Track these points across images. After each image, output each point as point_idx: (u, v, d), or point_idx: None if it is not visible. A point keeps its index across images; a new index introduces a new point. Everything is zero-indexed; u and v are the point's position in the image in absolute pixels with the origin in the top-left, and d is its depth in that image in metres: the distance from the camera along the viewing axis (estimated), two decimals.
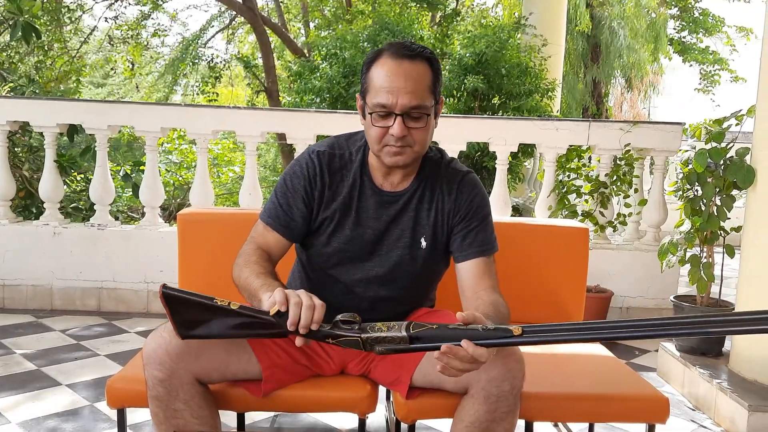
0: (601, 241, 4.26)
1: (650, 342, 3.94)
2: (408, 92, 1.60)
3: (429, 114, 1.64)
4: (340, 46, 6.91)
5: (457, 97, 6.21)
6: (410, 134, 1.63)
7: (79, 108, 4.35)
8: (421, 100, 1.61)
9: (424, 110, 1.63)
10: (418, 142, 1.65)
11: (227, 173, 10.01)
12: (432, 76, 1.65)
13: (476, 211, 1.78)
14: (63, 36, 10.43)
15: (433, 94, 1.66)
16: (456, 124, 4.36)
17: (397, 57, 1.62)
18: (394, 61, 1.61)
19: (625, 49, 13.32)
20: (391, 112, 1.60)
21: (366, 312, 1.75)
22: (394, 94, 1.59)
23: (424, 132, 1.66)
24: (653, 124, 4.38)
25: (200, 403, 1.59)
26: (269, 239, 1.75)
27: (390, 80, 1.60)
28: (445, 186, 1.78)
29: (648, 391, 1.87)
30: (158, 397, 1.57)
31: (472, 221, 1.77)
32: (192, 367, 1.58)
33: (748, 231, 3.01)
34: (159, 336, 1.58)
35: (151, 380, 1.57)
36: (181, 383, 1.56)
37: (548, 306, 2.41)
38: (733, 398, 2.73)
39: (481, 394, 1.54)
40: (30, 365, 3.19)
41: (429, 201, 1.77)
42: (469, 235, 1.76)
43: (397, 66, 1.61)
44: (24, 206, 4.99)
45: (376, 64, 1.64)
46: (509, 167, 5.62)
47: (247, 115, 4.37)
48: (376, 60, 1.65)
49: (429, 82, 1.64)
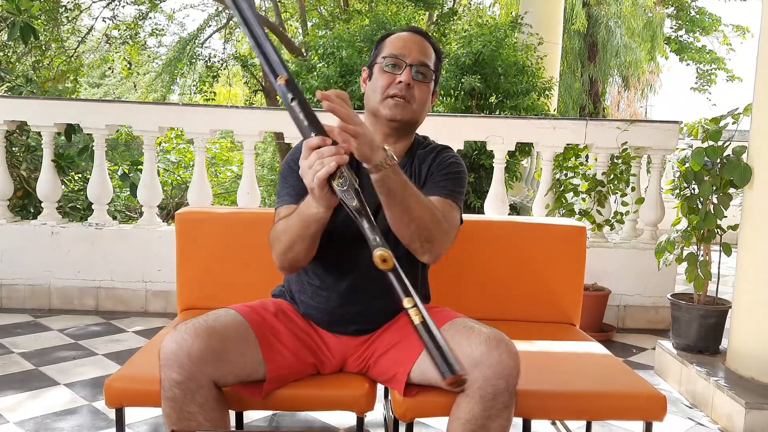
0: (598, 239, 4.27)
1: (648, 340, 3.95)
2: (419, 51, 1.79)
3: (431, 81, 1.82)
4: (337, 45, 6.90)
5: (454, 96, 6.21)
6: (414, 89, 1.77)
7: (77, 107, 4.35)
8: (429, 61, 1.80)
9: (429, 73, 1.80)
10: (418, 100, 1.79)
11: (225, 172, 10.02)
12: (435, 59, 1.84)
13: (448, 167, 1.83)
14: (60, 36, 10.41)
15: (435, 74, 1.83)
16: (453, 123, 4.37)
17: (408, 30, 1.84)
18: (408, 32, 1.83)
19: (621, 47, 13.33)
20: (403, 62, 1.76)
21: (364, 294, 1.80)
22: (407, 49, 1.78)
23: (425, 93, 1.81)
24: (650, 122, 4.39)
25: (214, 406, 1.58)
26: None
27: (404, 41, 1.80)
28: (426, 156, 1.87)
29: (645, 389, 1.87)
30: (173, 398, 1.56)
31: (442, 172, 1.82)
32: (211, 371, 1.57)
33: (744, 229, 3.02)
34: (180, 338, 1.56)
35: (168, 381, 1.55)
36: (198, 386, 1.55)
37: (545, 304, 2.42)
38: (730, 396, 2.74)
39: (477, 393, 1.54)
40: (28, 365, 3.19)
41: (416, 174, 1.84)
42: (437, 180, 1.80)
43: (411, 35, 1.82)
44: (22, 206, 4.99)
45: (390, 37, 1.84)
46: (507, 166, 5.63)
47: (244, 115, 4.37)
48: (390, 35, 1.85)
49: (434, 60, 1.83)
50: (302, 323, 1.84)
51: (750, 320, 2.93)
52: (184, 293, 2.37)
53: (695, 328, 3.26)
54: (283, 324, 1.79)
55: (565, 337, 2.30)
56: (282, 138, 4.48)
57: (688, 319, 3.28)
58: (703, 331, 3.25)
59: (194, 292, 2.35)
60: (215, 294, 2.29)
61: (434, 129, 4.21)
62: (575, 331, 2.37)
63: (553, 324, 2.41)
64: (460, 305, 1.71)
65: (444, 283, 1.73)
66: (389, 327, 1.84)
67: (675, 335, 3.35)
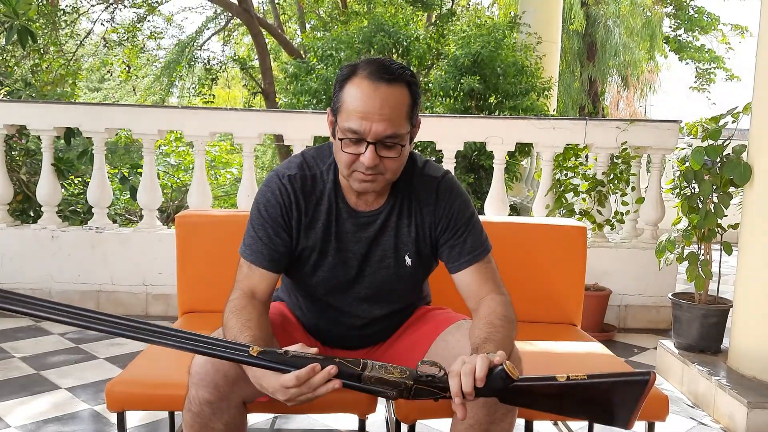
0: (598, 239, 4.27)
1: (649, 339, 3.95)
2: (383, 120, 1.47)
3: (403, 143, 1.53)
4: (335, 47, 6.91)
5: (453, 97, 6.21)
6: (382, 162, 1.51)
7: (76, 111, 4.35)
8: (397, 128, 1.49)
9: (399, 139, 1.51)
10: (390, 170, 1.54)
11: (225, 175, 10.02)
12: (410, 100, 1.53)
13: (458, 217, 1.67)
14: (59, 39, 10.41)
15: (410, 120, 1.54)
16: (453, 124, 4.37)
17: (374, 79, 1.48)
18: (371, 84, 1.48)
19: (620, 47, 13.34)
20: (363, 139, 1.48)
21: (361, 328, 1.77)
22: (367, 120, 1.47)
23: (397, 161, 1.54)
24: (650, 122, 4.39)
25: (238, 424, 1.56)
26: (256, 280, 1.62)
27: (364, 104, 1.47)
28: (423, 196, 1.67)
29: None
30: (200, 414, 1.50)
31: (457, 229, 1.67)
32: (244, 390, 1.49)
33: (745, 228, 3.02)
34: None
35: (198, 399, 1.49)
36: (228, 406, 1.50)
37: (547, 305, 2.42)
38: (732, 395, 2.74)
39: (480, 398, 1.53)
40: (29, 369, 3.19)
41: (408, 216, 1.67)
42: (457, 244, 1.66)
43: (373, 90, 1.48)
44: (22, 210, 4.99)
45: (350, 83, 1.51)
46: (506, 166, 5.63)
47: (244, 117, 4.37)
48: (351, 78, 1.52)
49: (407, 108, 1.52)
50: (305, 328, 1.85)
51: (751, 319, 2.93)
52: (185, 296, 2.36)
53: (696, 327, 3.25)
54: (295, 328, 1.80)
55: (567, 338, 2.30)
56: (281, 140, 4.48)
57: (689, 318, 3.27)
58: (704, 330, 3.24)
59: (195, 295, 2.35)
60: (216, 296, 2.27)
61: (434, 130, 4.22)
62: (576, 332, 2.37)
63: (555, 324, 2.40)
64: (462, 306, 1.70)
65: (446, 284, 1.72)
66: (391, 340, 1.84)
67: (676, 335, 3.35)
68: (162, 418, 2.63)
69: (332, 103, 1.57)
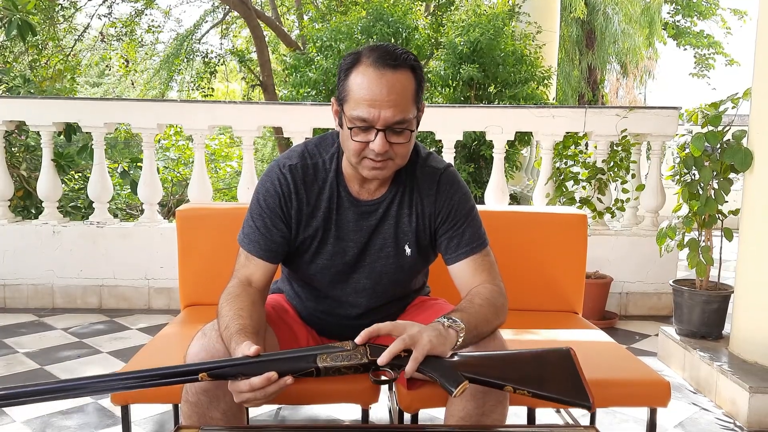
0: (599, 227, 4.27)
1: (651, 326, 3.96)
2: (391, 106, 1.48)
3: (412, 128, 1.54)
4: (334, 38, 6.89)
5: (452, 86, 6.20)
6: (392, 148, 1.53)
7: (76, 106, 4.35)
8: (404, 113, 1.51)
9: (407, 124, 1.52)
10: (399, 155, 1.56)
11: (225, 168, 10.02)
12: (415, 84, 1.54)
13: (458, 209, 1.69)
14: (57, 34, 10.39)
15: (416, 104, 1.56)
16: (452, 113, 4.36)
17: (379, 66, 1.49)
18: (376, 71, 1.49)
19: (619, 34, 13.28)
20: (372, 126, 1.50)
21: (358, 318, 1.76)
22: (376, 108, 1.48)
23: (406, 146, 1.56)
24: (649, 109, 4.38)
25: (236, 413, 1.55)
26: (252, 269, 1.64)
27: (371, 92, 1.48)
28: (424, 188, 1.69)
29: (649, 375, 1.88)
30: (197, 403, 1.51)
31: (456, 221, 1.68)
32: None
33: (746, 214, 3.02)
34: (210, 346, 1.51)
35: (194, 388, 1.50)
36: (225, 393, 1.47)
37: (548, 293, 2.42)
38: (734, 380, 2.75)
39: (468, 392, 1.50)
40: (33, 364, 3.20)
41: (408, 206, 1.69)
42: (455, 236, 1.68)
43: (379, 77, 1.48)
44: (23, 206, 4.99)
45: (355, 71, 1.52)
46: (506, 155, 5.63)
47: (243, 110, 4.37)
48: (355, 66, 1.52)
49: (412, 93, 1.53)
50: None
51: (753, 305, 2.93)
52: (187, 289, 2.37)
53: (698, 313, 3.26)
54: (292, 319, 1.80)
55: (568, 326, 2.30)
56: (281, 132, 4.48)
57: (690, 304, 3.28)
58: (705, 316, 3.25)
59: (197, 288, 2.35)
60: (218, 289, 2.27)
61: (433, 119, 4.21)
62: (578, 320, 2.38)
63: (556, 312, 2.41)
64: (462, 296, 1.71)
65: (445, 274, 1.73)
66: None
67: (678, 321, 3.36)
68: (166, 411, 2.64)
69: (337, 92, 1.58)
